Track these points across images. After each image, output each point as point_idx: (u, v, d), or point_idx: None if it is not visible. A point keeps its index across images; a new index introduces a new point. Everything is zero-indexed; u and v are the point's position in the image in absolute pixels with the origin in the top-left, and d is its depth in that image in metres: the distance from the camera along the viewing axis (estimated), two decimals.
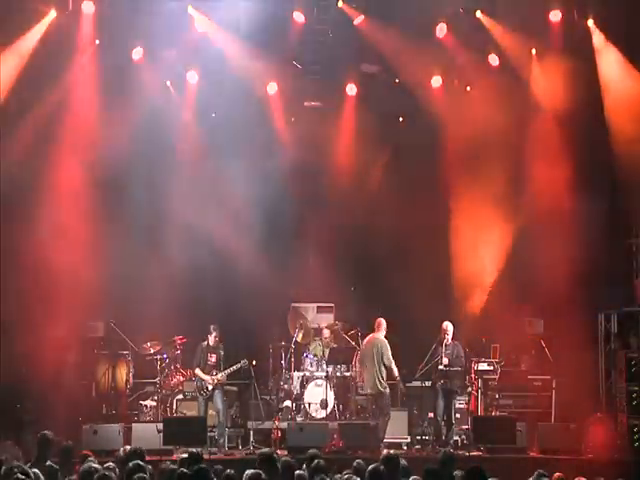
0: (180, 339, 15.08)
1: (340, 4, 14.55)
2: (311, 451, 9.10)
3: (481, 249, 15.71)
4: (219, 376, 13.88)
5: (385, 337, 14.33)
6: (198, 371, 14.00)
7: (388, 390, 14.17)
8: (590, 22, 14.62)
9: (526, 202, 15.47)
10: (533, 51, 15.23)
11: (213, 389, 13.89)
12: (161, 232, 15.61)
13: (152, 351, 14.95)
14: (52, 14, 14.13)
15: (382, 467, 7.73)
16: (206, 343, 14.10)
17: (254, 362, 14.52)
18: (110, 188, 15.13)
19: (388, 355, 14.10)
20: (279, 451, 13.27)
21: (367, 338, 14.49)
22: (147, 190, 15.58)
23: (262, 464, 7.81)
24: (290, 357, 15.15)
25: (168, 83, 15.92)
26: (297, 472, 8.12)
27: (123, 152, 15.02)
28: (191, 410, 14.40)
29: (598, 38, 14.61)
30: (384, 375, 14.10)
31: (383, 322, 14.37)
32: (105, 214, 14.92)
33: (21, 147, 14.13)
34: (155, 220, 15.63)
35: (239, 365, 13.96)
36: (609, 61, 14.68)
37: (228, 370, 13.95)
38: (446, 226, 16.12)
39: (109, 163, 14.93)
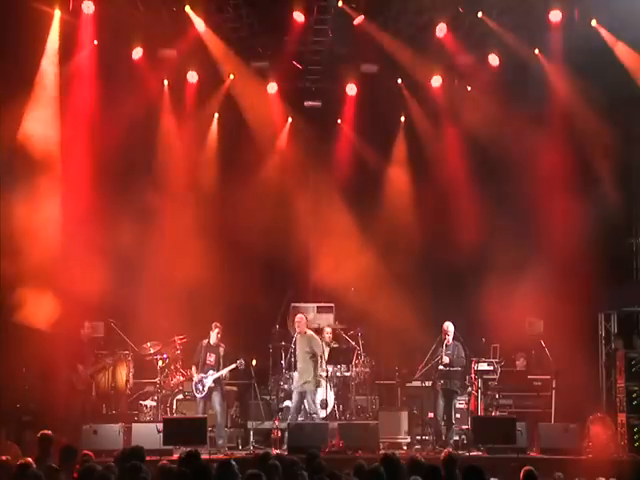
0: (180, 339, 15.08)
1: (340, 4, 14.53)
2: (311, 451, 9.10)
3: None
4: (214, 376, 13.87)
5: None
6: (193, 369, 14.07)
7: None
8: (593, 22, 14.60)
9: (526, 201, 15.49)
10: (536, 51, 15.21)
11: (210, 389, 13.89)
12: (161, 232, 15.62)
13: (152, 351, 14.94)
14: (57, 14, 14.20)
15: (381, 468, 7.71)
16: (207, 341, 14.12)
17: (254, 362, 14.51)
18: (110, 188, 15.11)
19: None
20: (279, 451, 13.31)
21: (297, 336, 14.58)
22: (148, 190, 15.56)
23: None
24: (290, 357, 15.13)
25: (165, 83, 15.90)
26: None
27: (123, 152, 15.05)
28: (191, 410, 14.39)
29: (607, 35, 14.54)
30: None
31: (296, 318, 14.53)
32: (105, 214, 14.96)
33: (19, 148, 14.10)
34: (156, 219, 15.63)
35: (234, 365, 13.96)
36: (623, 56, 14.62)
37: (224, 370, 13.94)
38: (447, 226, 16.11)
39: (108, 163, 14.94)
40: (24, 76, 14.02)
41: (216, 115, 16.71)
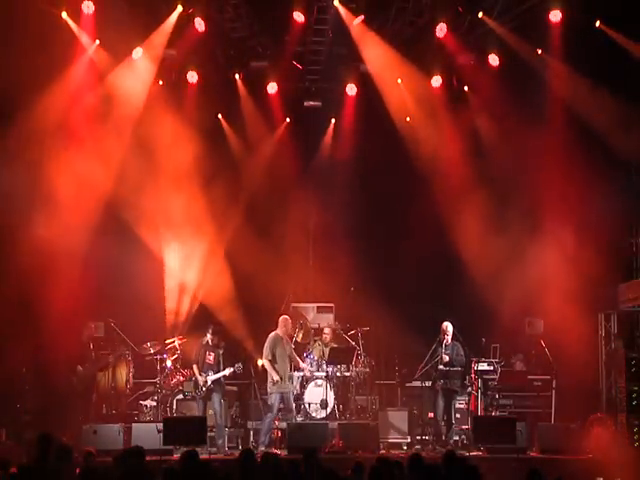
0: (180, 339, 15.08)
1: (336, 2, 14.52)
2: (309, 449, 9.08)
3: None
4: (212, 377, 13.87)
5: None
6: (195, 368, 14.01)
7: (269, 388, 14.02)
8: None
9: (526, 202, 15.50)
10: (539, 51, 15.19)
11: (209, 390, 13.87)
12: (161, 232, 15.65)
13: (152, 351, 14.94)
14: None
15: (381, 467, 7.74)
16: (207, 340, 14.09)
17: (260, 362, 14.44)
18: (110, 188, 15.10)
19: (264, 351, 14.09)
20: (279, 451, 13.32)
21: None
22: (148, 189, 15.56)
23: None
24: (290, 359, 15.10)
25: (160, 83, 15.91)
26: None
27: (122, 152, 15.06)
28: (191, 410, 14.38)
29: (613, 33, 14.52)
30: (270, 371, 13.97)
31: (282, 320, 14.30)
32: (105, 214, 14.99)
33: (18, 148, 14.08)
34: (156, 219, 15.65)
35: (232, 369, 13.93)
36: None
37: (222, 373, 13.92)
38: (447, 226, 16.10)
39: (108, 163, 14.96)
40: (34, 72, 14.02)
41: (219, 115, 16.71)
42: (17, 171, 14.06)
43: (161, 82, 15.88)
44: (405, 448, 14.22)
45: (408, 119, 16.68)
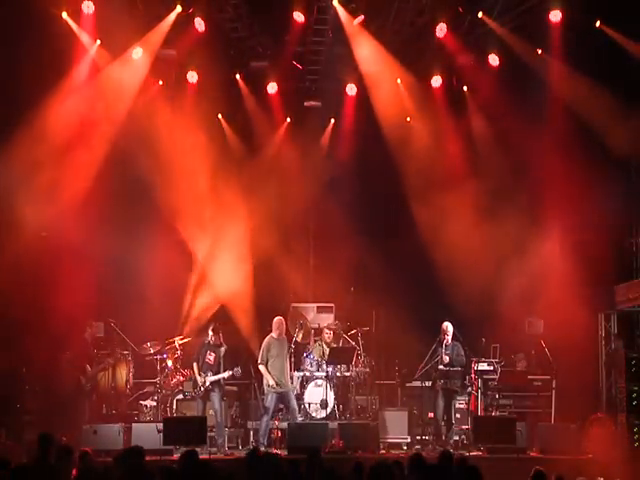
0: (180, 339, 15.08)
1: (335, 3, 14.52)
2: (313, 449, 9.09)
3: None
4: (210, 378, 13.87)
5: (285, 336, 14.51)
6: (195, 366, 14.01)
7: (265, 389, 14.08)
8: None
9: (526, 201, 15.50)
10: (539, 51, 15.18)
11: (207, 390, 13.86)
12: (162, 232, 15.65)
13: (152, 351, 14.94)
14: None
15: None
16: (208, 340, 14.11)
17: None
18: (109, 188, 15.10)
19: (259, 357, 14.21)
20: (279, 451, 13.32)
21: None
22: (147, 189, 15.56)
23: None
24: (290, 357, 15.12)
25: (160, 82, 15.91)
26: None
27: (123, 152, 15.05)
28: (191, 410, 14.39)
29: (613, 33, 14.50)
30: (266, 375, 14.04)
31: (275, 321, 14.34)
32: (106, 214, 14.99)
33: (21, 148, 14.09)
34: (157, 219, 15.65)
35: (230, 372, 13.94)
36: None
37: (220, 375, 13.93)
38: (447, 226, 16.10)
39: (108, 163, 14.96)
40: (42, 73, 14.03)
41: (219, 116, 16.72)
42: (21, 170, 14.06)
43: (161, 82, 15.90)
44: (405, 448, 14.21)
45: (408, 119, 16.68)
